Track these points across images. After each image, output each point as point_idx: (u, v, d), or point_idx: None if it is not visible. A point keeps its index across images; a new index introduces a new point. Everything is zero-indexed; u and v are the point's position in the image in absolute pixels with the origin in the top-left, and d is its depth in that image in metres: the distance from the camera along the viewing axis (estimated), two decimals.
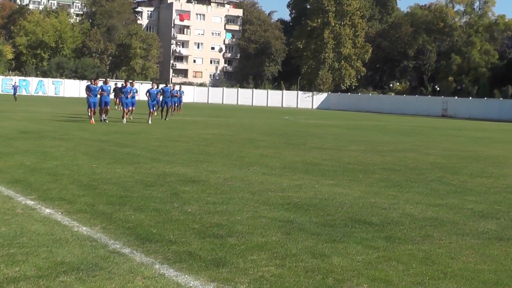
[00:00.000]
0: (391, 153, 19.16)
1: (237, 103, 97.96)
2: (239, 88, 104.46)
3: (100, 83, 30.16)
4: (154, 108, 31.41)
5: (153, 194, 9.55)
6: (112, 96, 34.38)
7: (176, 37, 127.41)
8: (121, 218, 7.68)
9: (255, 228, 7.50)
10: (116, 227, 7.22)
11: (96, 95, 28.25)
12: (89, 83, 30.11)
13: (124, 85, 30.90)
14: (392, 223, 8.16)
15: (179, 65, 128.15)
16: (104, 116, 28.80)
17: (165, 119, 33.15)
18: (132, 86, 30.72)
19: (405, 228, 7.92)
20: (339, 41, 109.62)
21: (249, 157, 15.81)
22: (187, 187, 10.37)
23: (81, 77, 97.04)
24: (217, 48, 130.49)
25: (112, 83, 34.02)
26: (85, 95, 31.87)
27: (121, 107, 32.17)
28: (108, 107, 29.10)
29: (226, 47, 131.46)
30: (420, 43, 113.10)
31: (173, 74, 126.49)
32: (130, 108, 30.37)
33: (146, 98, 32.66)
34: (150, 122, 29.54)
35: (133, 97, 30.32)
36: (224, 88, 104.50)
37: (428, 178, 13.23)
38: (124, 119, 29.18)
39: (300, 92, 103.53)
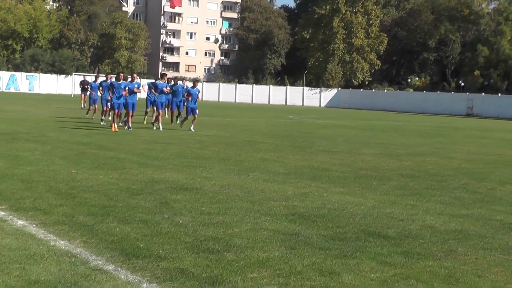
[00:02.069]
0: (409, 157, 19.16)
1: (235, 101, 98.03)
2: (238, 84, 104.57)
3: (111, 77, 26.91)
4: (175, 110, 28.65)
5: (140, 203, 9.55)
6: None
7: (166, 26, 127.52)
8: (104, 231, 7.67)
9: (256, 242, 7.50)
10: (98, 240, 7.22)
11: (120, 96, 24.62)
12: (110, 78, 27.32)
13: (159, 79, 28.05)
14: (411, 237, 8.15)
15: (170, 58, 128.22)
16: (128, 123, 25.51)
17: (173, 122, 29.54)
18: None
19: (426, 242, 7.91)
20: (351, 31, 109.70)
21: (248, 162, 15.81)
22: (178, 195, 10.37)
23: (59, 71, 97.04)
24: (212, 39, 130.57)
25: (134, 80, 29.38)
26: (89, 92, 30.02)
27: (154, 108, 28.14)
28: (134, 113, 25.92)
29: (222, 37, 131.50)
30: (442, 32, 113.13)
31: (163, 68, 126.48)
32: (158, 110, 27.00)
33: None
34: (183, 126, 27.01)
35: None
36: (221, 83, 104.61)
37: (451, 185, 13.22)
38: (160, 124, 26.35)
39: (306, 88, 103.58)
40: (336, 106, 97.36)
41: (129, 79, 26.16)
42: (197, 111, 26.29)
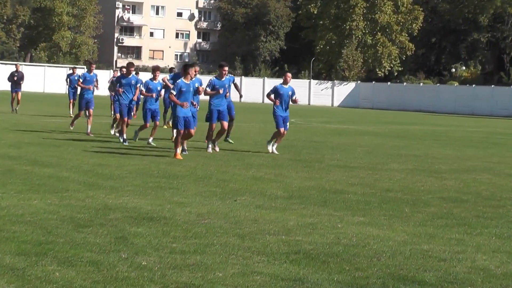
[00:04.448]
0: (454, 174, 19.20)
1: None
2: None
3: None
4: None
5: (89, 238, 9.54)
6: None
7: None
8: (39, 276, 7.66)
9: None
10: None
11: (195, 103, 21.38)
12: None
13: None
14: (456, 282, 8.18)
15: (128, 41, 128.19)
16: (183, 144, 21.56)
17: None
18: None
19: None
20: (374, 3, 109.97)
21: (235, 181, 15.81)
22: (140, 227, 10.37)
23: None
24: (186, 15, 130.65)
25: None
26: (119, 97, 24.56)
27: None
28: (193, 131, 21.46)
29: (200, 12, 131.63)
30: (497, 5, 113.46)
31: (119, 54, 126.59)
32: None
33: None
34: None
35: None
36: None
37: (511, 212, 13.25)
38: (213, 145, 23.18)
39: (313, 82, 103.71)
40: (355, 106, 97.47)
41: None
42: (288, 123, 23.60)
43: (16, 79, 40.72)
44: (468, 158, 24.61)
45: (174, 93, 20.63)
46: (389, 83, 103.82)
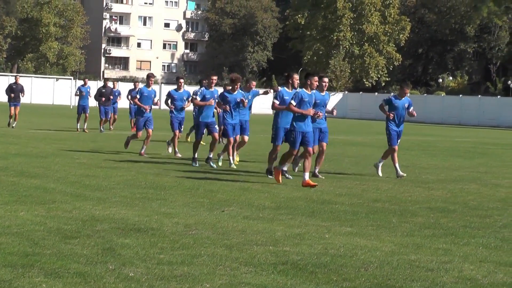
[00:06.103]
0: (441, 184, 19.23)
1: None
2: None
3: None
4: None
5: (76, 250, 9.52)
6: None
7: (110, 8, 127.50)
8: None
9: None
10: None
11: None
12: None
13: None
14: None
15: (116, 51, 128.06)
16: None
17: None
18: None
19: None
20: (361, 14, 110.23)
21: (223, 192, 15.81)
22: (128, 239, 10.35)
23: None
24: (173, 25, 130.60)
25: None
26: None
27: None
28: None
29: (187, 23, 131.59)
30: (484, 15, 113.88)
31: (106, 65, 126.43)
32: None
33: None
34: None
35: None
36: (185, 86, 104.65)
37: (497, 222, 13.27)
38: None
39: None
40: (342, 116, 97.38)
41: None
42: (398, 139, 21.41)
43: (14, 92, 38.01)
44: (455, 168, 24.67)
45: (294, 103, 17.51)
46: (376, 93, 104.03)
